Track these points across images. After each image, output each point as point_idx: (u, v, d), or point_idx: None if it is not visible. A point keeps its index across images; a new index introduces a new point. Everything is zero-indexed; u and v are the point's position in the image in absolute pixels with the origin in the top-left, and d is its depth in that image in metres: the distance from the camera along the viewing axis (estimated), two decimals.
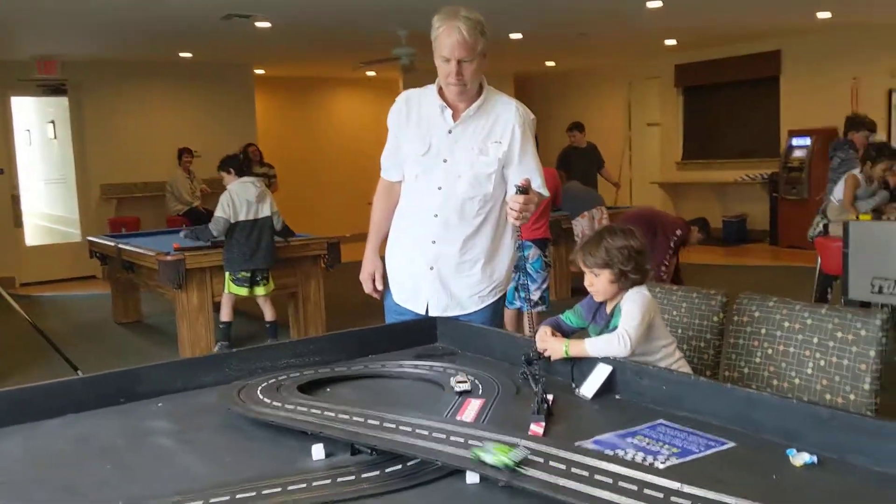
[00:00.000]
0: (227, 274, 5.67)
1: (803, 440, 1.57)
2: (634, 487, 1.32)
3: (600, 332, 2.22)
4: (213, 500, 1.41)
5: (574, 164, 8.79)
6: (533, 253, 4.87)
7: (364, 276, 2.72)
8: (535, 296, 4.91)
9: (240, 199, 5.60)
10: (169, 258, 5.42)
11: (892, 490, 1.38)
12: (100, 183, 10.33)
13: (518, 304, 4.93)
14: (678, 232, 6.02)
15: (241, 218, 5.58)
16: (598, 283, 2.24)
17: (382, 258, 2.73)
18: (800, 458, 1.50)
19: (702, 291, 2.56)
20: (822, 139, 10.09)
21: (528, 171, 2.48)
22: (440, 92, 2.51)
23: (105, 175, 10.33)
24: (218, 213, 5.60)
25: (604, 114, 13.38)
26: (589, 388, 1.97)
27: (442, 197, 2.50)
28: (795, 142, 10.28)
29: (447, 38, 2.35)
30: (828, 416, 1.57)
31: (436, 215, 2.51)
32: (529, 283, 4.87)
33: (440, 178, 2.49)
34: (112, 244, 6.54)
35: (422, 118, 2.54)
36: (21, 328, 6.07)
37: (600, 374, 1.98)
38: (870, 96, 10.03)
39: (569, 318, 2.32)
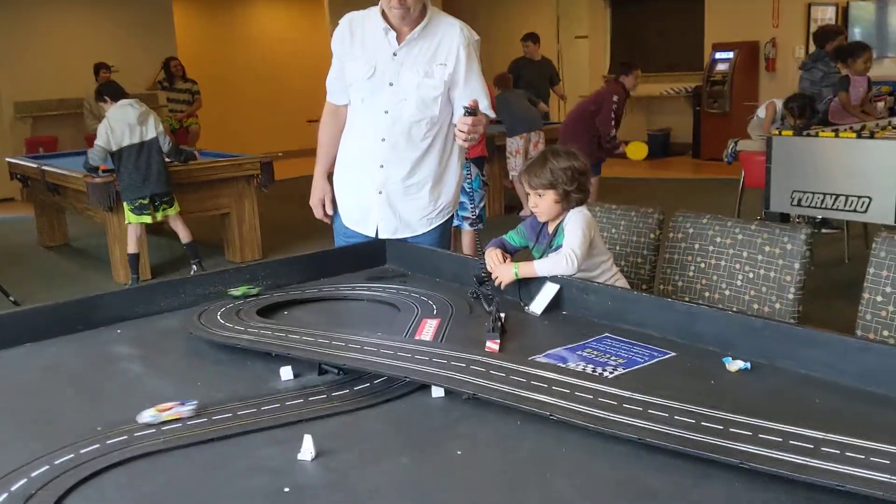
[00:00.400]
0: (125, 204, 5.41)
1: (738, 348, 1.71)
2: (590, 396, 1.44)
3: (543, 252, 2.32)
4: (191, 423, 1.47)
5: (525, 76, 8.66)
6: (472, 171, 4.92)
7: (314, 202, 2.75)
8: (473, 214, 4.98)
9: (119, 125, 5.31)
10: (98, 180, 5.30)
11: (812, 390, 1.53)
12: (13, 101, 9.89)
13: (456, 221, 5.02)
14: (615, 97, 6.35)
15: (125, 143, 5.30)
16: (542, 203, 2.32)
17: (331, 182, 2.76)
18: (734, 365, 1.65)
19: (640, 210, 2.68)
20: (745, 53, 10.34)
21: (474, 92, 2.52)
22: (384, 14, 2.50)
23: (18, 92, 9.89)
24: (96, 141, 5.32)
25: (532, 27, 13.31)
26: (538, 305, 2.08)
27: (389, 121, 2.52)
28: (719, 55, 10.49)
29: None
30: (761, 325, 1.72)
31: (383, 139, 2.54)
32: (467, 201, 4.94)
33: (386, 102, 2.52)
34: (35, 166, 6.34)
35: (366, 41, 2.53)
36: None
37: (548, 292, 2.09)
38: (789, 11, 10.24)
39: (512, 237, 2.41)
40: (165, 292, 2.24)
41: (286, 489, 1.24)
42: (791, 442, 1.24)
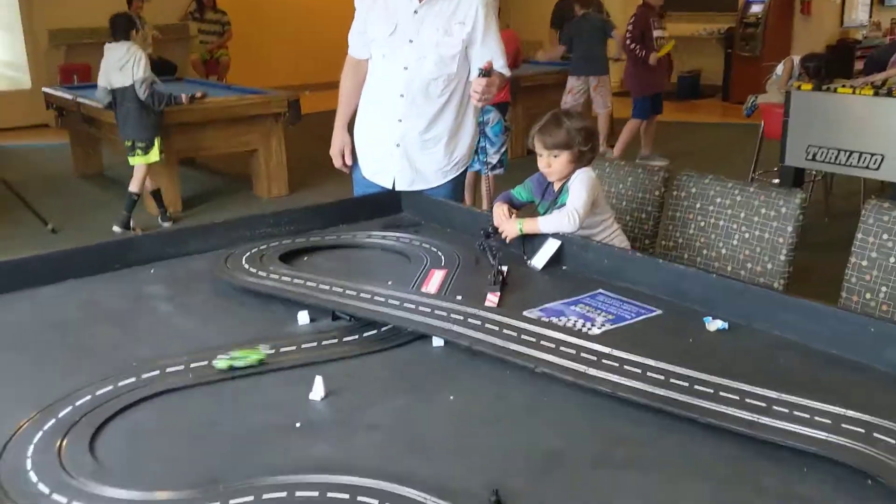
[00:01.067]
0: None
1: (720, 309, 1.84)
2: (573, 351, 1.59)
3: (548, 208, 2.45)
4: (215, 362, 1.65)
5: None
6: (493, 117, 5.01)
7: (334, 152, 2.88)
8: (494, 159, 5.09)
9: (104, 65, 5.36)
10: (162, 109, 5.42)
11: (782, 351, 1.67)
12: (47, 28, 10.00)
13: (477, 166, 5.12)
14: (632, 18, 6.54)
15: (111, 85, 5.36)
16: (556, 164, 2.39)
17: (351, 133, 2.89)
18: (713, 325, 1.79)
19: (646, 168, 2.79)
20: None
21: (491, 51, 2.62)
22: None
23: (52, 20, 9.99)
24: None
25: None
26: (539, 260, 2.22)
27: (408, 77, 2.63)
28: None
29: None
30: (741, 288, 1.85)
31: (402, 95, 2.65)
32: (488, 146, 5.05)
33: (406, 59, 2.62)
34: (70, 97, 6.50)
35: None
36: None
37: (550, 247, 2.23)
38: None
39: (519, 192, 2.52)
40: (196, 236, 2.41)
41: (297, 424, 1.41)
42: (747, 400, 1.39)
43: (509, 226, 2.30)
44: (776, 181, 4.85)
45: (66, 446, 1.32)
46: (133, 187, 5.53)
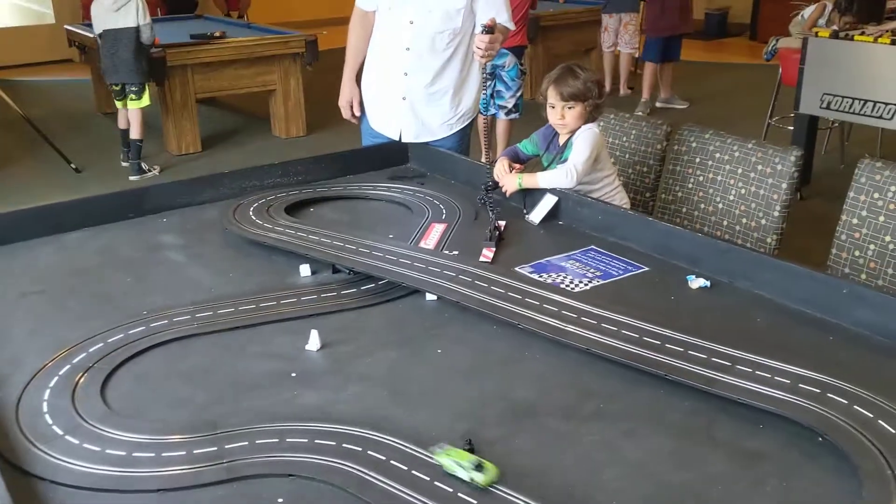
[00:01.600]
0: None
1: (704, 266, 1.92)
2: (555, 309, 1.67)
3: (552, 161, 2.50)
4: (220, 311, 1.75)
5: None
6: (509, 61, 4.99)
7: (343, 103, 2.93)
8: (510, 103, 5.09)
9: (97, 9, 5.33)
10: (152, 55, 5.51)
11: (759, 310, 1.74)
12: None
13: (493, 110, 5.15)
14: None
15: (103, 28, 5.32)
16: (570, 116, 2.40)
17: (359, 84, 2.94)
18: (696, 283, 1.86)
19: (650, 121, 2.82)
20: None
21: (496, 5, 2.64)
22: None
23: None
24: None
25: None
26: (537, 214, 2.29)
27: (413, 31, 2.67)
28: None
29: None
30: (725, 248, 1.92)
31: (408, 48, 2.70)
32: (504, 90, 5.06)
33: (412, 13, 2.65)
34: (92, 36, 6.53)
35: None
36: (9, 116, 6.24)
37: (547, 203, 2.30)
38: None
39: (525, 146, 2.58)
40: (207, 185, 2.50)
41: (293, 374, 1.52)
42: (713, 359, 1.47)
43: (509, 180, 2.37)
44: (791, 128, 4.84)
45: (79, 391, 1.44)
46: (135, 134, 5.56)
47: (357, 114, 2.94)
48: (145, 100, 5.49)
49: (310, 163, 2.69)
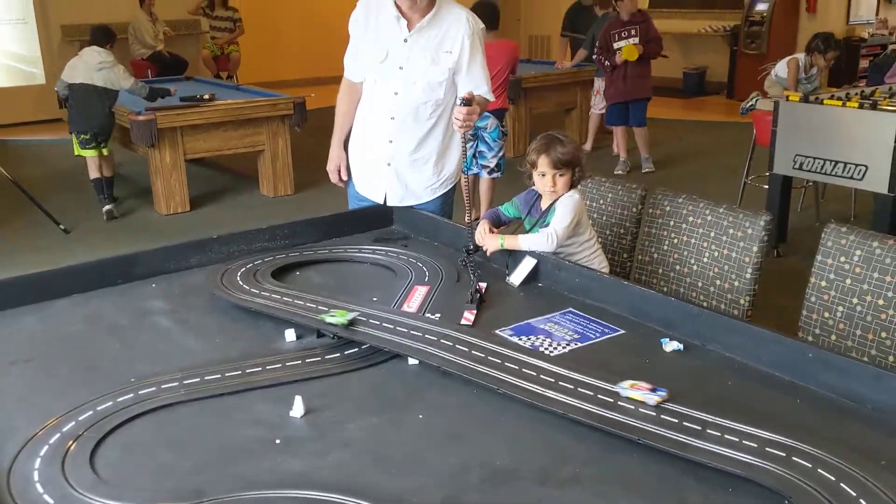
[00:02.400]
0: (73, 136, 6.01)
1: (678, 329, 1.98)
2: (534, 373, 1.73)
3: (534, 225, 2.58)
4: (207, 378, 1.80)
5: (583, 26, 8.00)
6: (490, 123, 5.11)
7: (331, 168, 3.03)
8: (492, 163, 5.20)
9: (77, 62, 5.87)
10: (141, 118, 5.61)
11: (731, 372, 1.80)
12: (60, 23, 10.17)
13: (475, 170, 5.26)
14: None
15: (80, 80, 5.78)
16: (561, 182, 2.49)
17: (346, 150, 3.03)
18: (670, 346, 1.92)
19: (625, 185, 2.91)
20: None
21: (476, 79, 2.76)
22: (395, 1, 2.72)
23: (65, 15, 10.15)
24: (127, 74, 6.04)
25: None
26: (517, 276, 2.36)
27: (398, 101, 2.77)
28: None
29: None
30: (697, 312, 1.98)
31: (392, 118, 2.79)
32: (486, 150, 5.18)
33: (396, 84, 2.76)
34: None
35: (379, 27, 2.75)
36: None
37: (527, 265, 2.37)
38: None
39: (507, 209, 2.66)
40: (195, 250, 2.56)
41: (277, 441, 1.56)
42: (685, 423, 1.53)
43: (491, 240, 2.44)
44: (766, 187, 4.96)
45: (69, 459, 1.48)
46: (108, 173, 6.10)
47: (344, 178, 3.02)
48: (106, 148, 6.05)
49: (297, 226, 2.76)
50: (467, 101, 2.51)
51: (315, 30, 12.22)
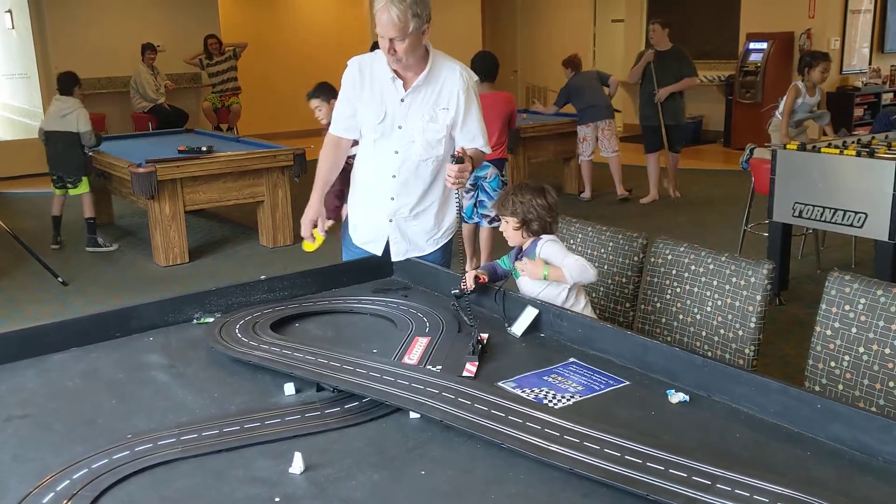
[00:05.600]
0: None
1: (682, 380, 1.96)
2: (538, 427, 1.70)
3: (513, 268, 2.63)
4: (205, 433, 1.76)
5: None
6: (490, 172, 5.15)
7: (306, 221, 2.91)
8: (492, 212, 5.23)
9: (49, 110, 6.62)
10: (141, 170, 5.64)
11: (737, 424, 1.77)
12: None
13: (476, 219, 5.28)
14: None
15: (51, 129, 6.49)
16: (508, 232, 2.60)
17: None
18: (676, 398, 1.89)
19: (626, 234, 2.90)
20: (779, 44, 10.34)
21: (472, 132, 2.77)
22: (388, 64, 2.71)
23: (67, 69, 10.27)
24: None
25: (569, 8, 13.42)
26: (519, 327, 2.33)
27: (399, 160, 2.77)
28: (753, 45, 10.52)
29: (381, 16, 2.51)
30: (701, 362, 1.95)
31: (394, 176, 2.80)
32: (486, 199, 5.21)
33: (396, 144, 2.76)
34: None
35: (375, 86, 2.75)
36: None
37: (528, 315, 2.34)
38: (826, 1, 10.20)
39: (504, 261, 2.67)
40: (193, 303, 2.54)
41: (277, 499, 1.52)
42: (693, 477, 1.49)
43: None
44: (766, 234, 4.96)
45: None
46: (87, 214, 6.66)
47: (320, 232, 2.92)
48: (83, 187, 6.61)
49: (295, 277, 2.74)
50: (459, 159, 2.54)
51: (311, 82, 12.38)
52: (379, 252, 2.91)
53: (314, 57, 12.87)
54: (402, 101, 2.72)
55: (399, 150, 2.76)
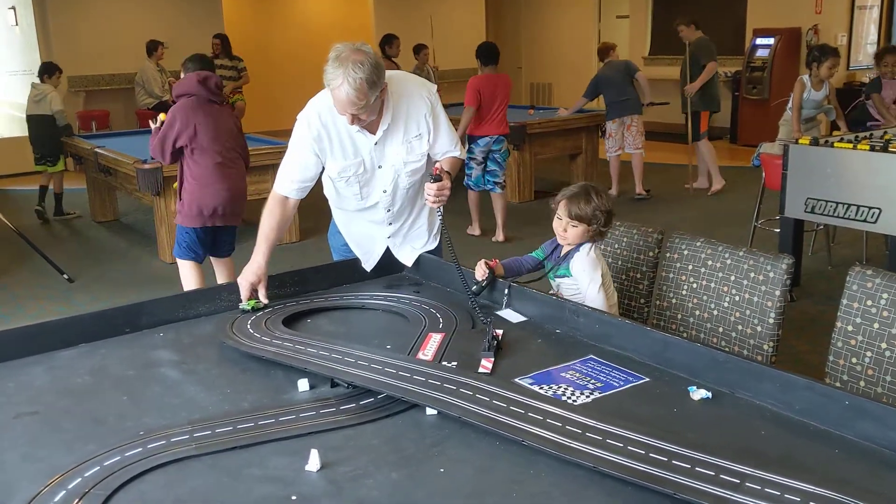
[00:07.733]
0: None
1: (704, 376, 1.91)
2: (559, 424, 1.66)
3: (550, 270, 2.63)
4: (218, 430, 1.73)
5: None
6: (504, 146, 6.32)
7: (244, 283, 2.52)
8: (502, 179, 6.41)
9: (28, 97, 7.52)
10: (146, 166, 5.60)
11: (762, 421, 1.73)
12: (67, 75, 10.22)
13: (485, 186, 6.42)
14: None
15: (30, 113, 7.48)
16: (572, 233, 2.55)
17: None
18: (698, 394, 1.85)
19: (641, 229, 2.86)
20: (786, 39, 10.28)
21: (445, 145, 2.73)
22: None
23: (72, 67, 10.22)
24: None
25: (574, 3, 13.36)
26: (511, 315, 2.38)
27: (389, 195, 2.74)
28: (759, 41, 10.45)
29: (338, 94, 2.41)
30: (724, 359, 1.92)
31: (388, 210, 2.77)
32: (497, 168, 6.37)
33: (382, 182, 2.71)
34: (88, 147, 6.66)
35: (342, 138, 2.63)
36: (4, 228, 6.27)
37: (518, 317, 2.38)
38: None
39: (537, 253, 2.71)
40: (203, 298, 2.51)
41: (293, 497, 1.48)
42: (721, 476, 1.45)
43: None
44: (777, 230, 4.91)
45: None
46: (57, 190, 7.57)
47: (262, 298, 2.52)
48: (60, 166, 7.53)
49: (307, 273, 2.71)
50: (437, 178, 2.52)
51: (316, 78, 12.35)
52: (375, 262, 2.86)
53: (316, 51, 12.83)
54: (376, 144, 2.64)
55: (387, 188, 2.72)
